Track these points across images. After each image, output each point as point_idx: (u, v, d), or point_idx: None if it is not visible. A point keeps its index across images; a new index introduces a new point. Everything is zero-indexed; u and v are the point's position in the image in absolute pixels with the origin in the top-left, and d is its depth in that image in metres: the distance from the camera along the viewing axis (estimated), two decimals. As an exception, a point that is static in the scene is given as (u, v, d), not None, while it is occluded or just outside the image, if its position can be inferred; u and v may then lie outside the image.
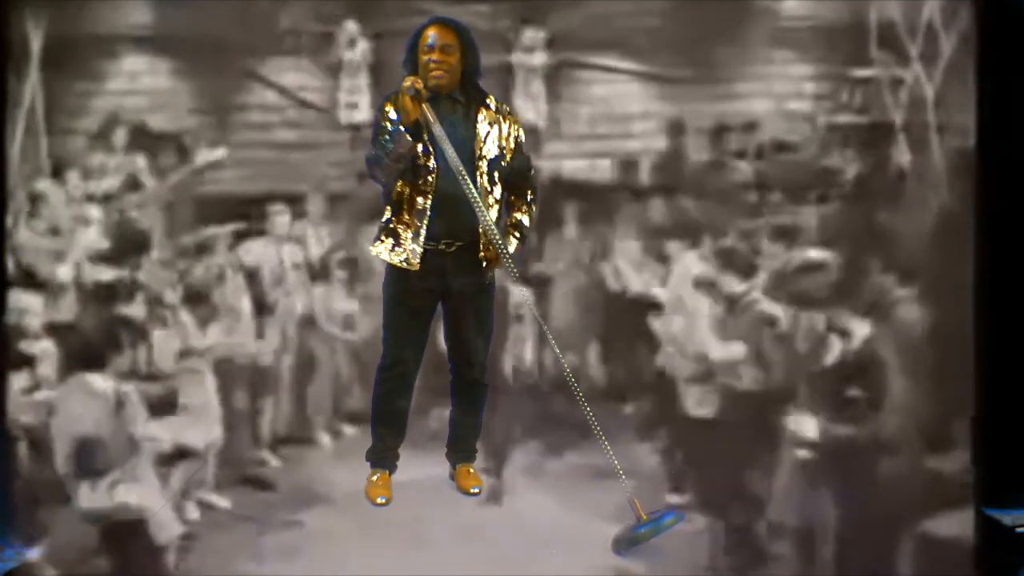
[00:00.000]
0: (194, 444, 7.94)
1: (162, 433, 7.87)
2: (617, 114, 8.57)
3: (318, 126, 8.54)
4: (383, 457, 4.67)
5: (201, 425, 8.02)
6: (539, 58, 8.45)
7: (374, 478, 4.65)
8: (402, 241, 4.32)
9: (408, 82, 4.21)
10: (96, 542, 7.48)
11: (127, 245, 8.34)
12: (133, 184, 8.45)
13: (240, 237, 8.40)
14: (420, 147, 4.24)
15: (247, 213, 8.39)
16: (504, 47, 8.35)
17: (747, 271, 8.27)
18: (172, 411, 7.96)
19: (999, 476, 6.98)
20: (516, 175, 4.48)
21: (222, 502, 7.91)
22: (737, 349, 8.02)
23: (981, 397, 7.21)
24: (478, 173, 4.33)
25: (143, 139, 8.48)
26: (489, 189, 4.36)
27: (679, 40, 8.43)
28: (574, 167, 8.49)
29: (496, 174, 4.39)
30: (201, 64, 8.46)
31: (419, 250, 4.29)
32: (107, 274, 8.24)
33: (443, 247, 4.35)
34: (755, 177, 8.48)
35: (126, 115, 8.53)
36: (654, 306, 8.28)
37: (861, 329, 7.92)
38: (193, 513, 7.88)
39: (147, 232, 8.45)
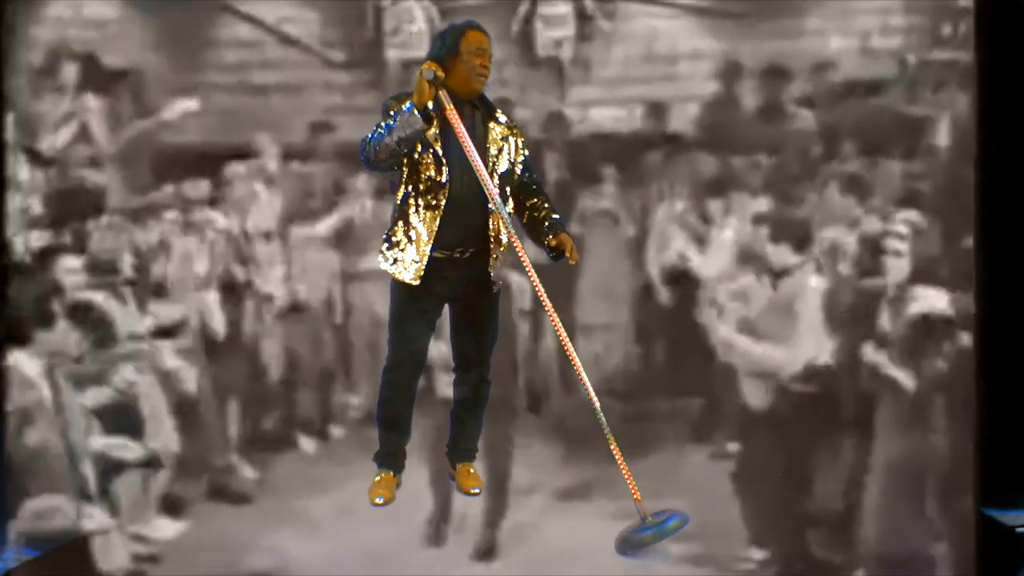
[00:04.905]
0: (146, 452, 7.89)
1: (108, 439, 7.85)
2: (659, 54, 8.25)
3: (302, 66, 8.29)
4: (390, 459, 4.80)
5: (153, 429, 7.91)
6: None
7: (377, 478, 4.79)
8: (408, 255, 4.57)
9: (428, 66, 4.39)
10: (35, 569, 7.55)
11: (72, 208, 8.05)
12: (84, 135, 8.14)
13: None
14: (432, 156, 4.50)
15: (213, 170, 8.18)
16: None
17: (801, 242, 7.97)
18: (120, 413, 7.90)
19: (999, 476, 7.23)
20: (528, 189, 4.69)
21: (176, 524, 7.94)
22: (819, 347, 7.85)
23: (982, 398, 7.38)
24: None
25: (95, 78, 8.13)
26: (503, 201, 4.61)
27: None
28: (606, 116, 8.25)
29: (507, 188, 4.61)
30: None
31: (422, 265, 4.54)
32: (45, 240, 7.98)
33: (457, 255, 4.56)
34: (823, 127, 8.07)
35: (72, 48, 8.16)
36: (696, 283, 8.13)
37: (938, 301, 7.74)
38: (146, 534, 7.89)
39: (97, 192, 8.11)
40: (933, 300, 7.69)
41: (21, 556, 7.34)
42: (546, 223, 4.60)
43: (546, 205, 4.64)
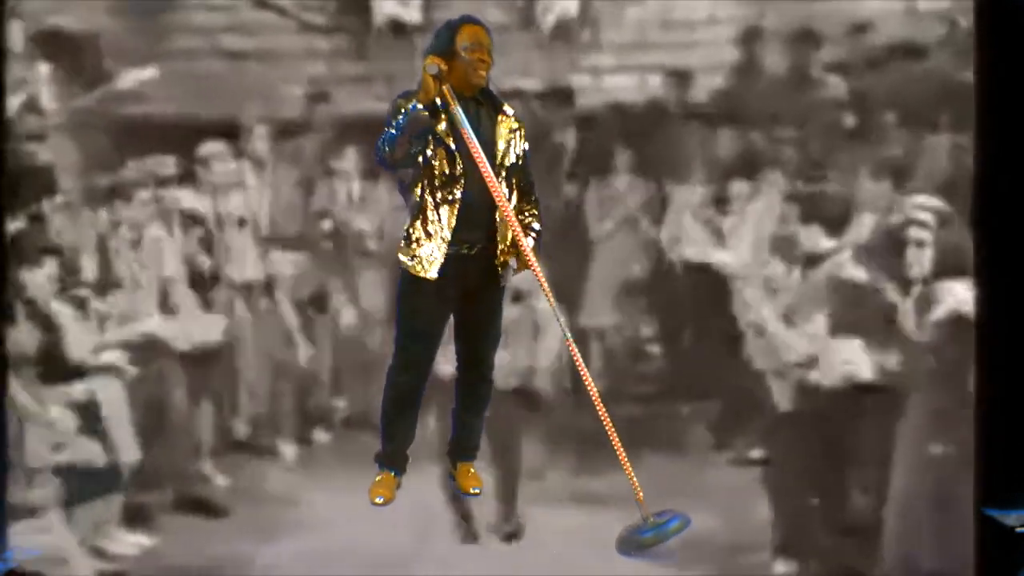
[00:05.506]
0: (110, 460, 7.83)
1: (67, 445, 7.80)
2: (675, 19, 8.13)
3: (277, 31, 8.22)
4: (392, 460, 4.94)
5: (117, 434, 7.85)
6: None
7: (378, 478, 4.93)
8: (425, 250, 4.76)
9: (431, 61, 4.62)
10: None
11: (23, 189, 7.87)
12: (32, 105, 7.97)
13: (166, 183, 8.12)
14: (444, 151, 4.70)
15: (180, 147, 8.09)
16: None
17: (837, 224, 7.90)
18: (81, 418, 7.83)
19: (999, 476, 7.35)
20: (521, 189, 4.89)
21: (143, 538, 7.91)
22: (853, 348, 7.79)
23: (982, 397, 7.49)
24: (499, 179, 4.77)
25: (44, 41, 7.98)
26: (507, 196, 4.82)
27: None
28: (617, 86, 8.13)
29: (513, 181, 4.82)
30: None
31: (441, 260, 4.75)
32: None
33: (465, 251, 4.75)
34: (855, 97, 7.91)
35: (19, 8, 8.05)
36: (720, 275, 8.06)
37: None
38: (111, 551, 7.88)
39: (47, 171, 7.96)
40: (961, 296, 7.65)
41: (21, 556, 7.44)
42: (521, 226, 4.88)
43: (534, 212, 4.86)
